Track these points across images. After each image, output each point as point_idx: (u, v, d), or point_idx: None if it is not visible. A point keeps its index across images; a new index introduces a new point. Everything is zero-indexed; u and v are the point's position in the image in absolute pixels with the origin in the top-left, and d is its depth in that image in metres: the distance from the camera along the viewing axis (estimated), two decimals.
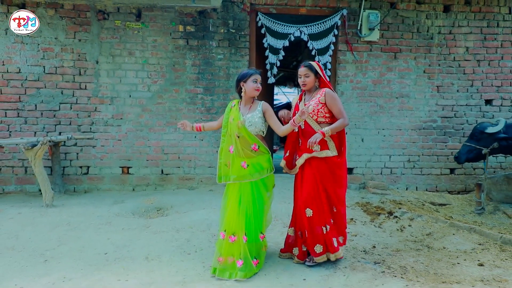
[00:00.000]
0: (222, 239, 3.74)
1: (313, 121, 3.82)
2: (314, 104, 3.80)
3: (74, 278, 3.56)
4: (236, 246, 3.66)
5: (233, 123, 3.83)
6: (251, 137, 3.81)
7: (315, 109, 3.78)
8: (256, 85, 3.86)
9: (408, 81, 7.26)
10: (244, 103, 3.96)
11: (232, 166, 3.82)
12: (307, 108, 3.58)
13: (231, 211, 3.77)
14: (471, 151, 6.17)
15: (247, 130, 3.80)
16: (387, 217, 5.63)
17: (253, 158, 3.81)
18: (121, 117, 6.78)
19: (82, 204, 5.92)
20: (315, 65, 3.92)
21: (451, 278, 3.59)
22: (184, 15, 6.83)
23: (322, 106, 3.79)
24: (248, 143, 3.81)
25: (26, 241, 4.47)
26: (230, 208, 3.79)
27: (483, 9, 7.33)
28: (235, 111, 3.90)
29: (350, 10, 7.12)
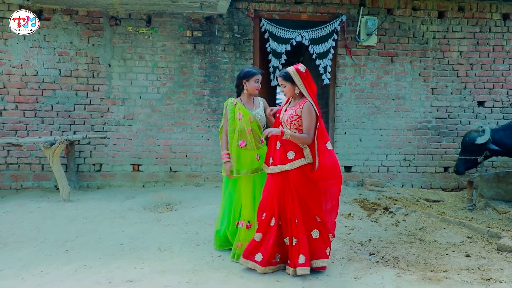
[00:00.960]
0: (241, 227, 3.98)
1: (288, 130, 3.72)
2: (290, 115, 3.72)
3: (94, 266, 3.82)
4: (252, 232, 3.90)
5: (244, 119, 4.02)
6: (260, 131, 4.09)
7: (289, 120, 3.71)
8: (257, 84, 4.11)
9: (404, 83, 7.49)
10: (246, 100, 4.17)
11: (245, 159, 4.03)
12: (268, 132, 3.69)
13: (245, 202, 4.01)
14: (468, 162, 6.44)
15: (258, 124, 4.08)
16: (383, 212, 5.87)
17: (263, 150, 4.07)
18: (132, 118, 7.03)
19: (96, 199, 6.18)
20: (291, 72, 3.72)
21: (439, 267, 3.85)
22: (192, 21, 7.07)
23: (297, 119, 3.69)
24: (258, 137, 4.08)
25: (47, 233, 4.73)
26: (245, 200, 4.02)
27: (476, 15, 7.55)
28: (242, 108, 4.08)
29: (349, 16, 7.35)
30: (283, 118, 3.78)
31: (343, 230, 5.06)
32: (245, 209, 4.03)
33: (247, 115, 4.05)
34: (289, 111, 3.79)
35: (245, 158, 4.04)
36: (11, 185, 6.73)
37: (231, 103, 4.13)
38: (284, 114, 3.81)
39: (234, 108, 4.10)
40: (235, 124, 4.07)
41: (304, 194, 3.66)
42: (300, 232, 3.62)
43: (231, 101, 4.15)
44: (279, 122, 3.88)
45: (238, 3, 7.11)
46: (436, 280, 3.50)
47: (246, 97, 4.19)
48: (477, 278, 3.57)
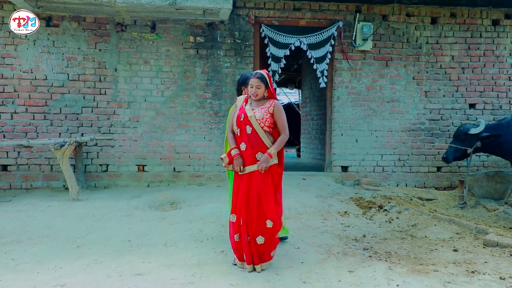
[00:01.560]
0: None
1: (260, 129, 3.82)
2: (263, 113, 3.83)
3: (105, 260, 4.02)
4: None
5: None
6: None
7: (264, 117, 3.81)
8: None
9: (399, 86, 7.69)
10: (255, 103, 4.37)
11: None
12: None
13: None
14: (457, 151, 6.58)
15: None
16: (378, 210, 6.06)
17: None
18: (137, 120, 7.23)
19: (103, 198, 6.38)
20: (266, 76, 3.91)
21: (428, 261, 4.05)
22: (195, 27, 7.27)
23: (270, 116, 3.82)
24: None
25: (58, 230, 4.94)
26: None
27: (467, 21, 7.76)
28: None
29: (345, 22, 7.55)
30: (256, 116, 3.81)
31: (339, 227, 5.26)
32: None
33: None
34: (259, 110, 3.86)
35: None
36: (21, 185, 6.94)
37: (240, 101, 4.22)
38: (254, 113, 3.84)
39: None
40: None
41: (263, 195, 3.79)
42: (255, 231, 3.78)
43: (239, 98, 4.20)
44: (241, 122, 3.87)
45: (239, 10, 7.31)
46: (424, 273, 3.70)
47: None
48: (462, 270, 3.77)
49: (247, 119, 3.85)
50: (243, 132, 3.87)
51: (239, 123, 3.89)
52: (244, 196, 3.81)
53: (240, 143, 3.88)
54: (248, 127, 3.84)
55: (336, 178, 7.56)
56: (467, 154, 6.48)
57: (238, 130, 3.91)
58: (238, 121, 3.91)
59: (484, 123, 6.36)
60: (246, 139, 3.84)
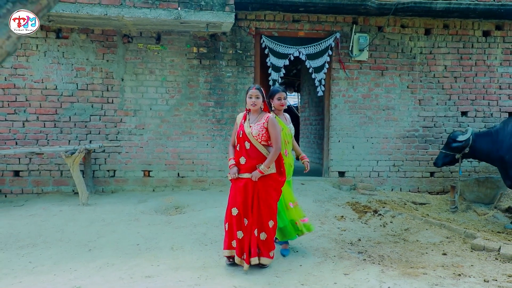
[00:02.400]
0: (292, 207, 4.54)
1: (257, 143, 4.09)
2: (259, 129, 4.08)
3: (116, 263, 4.25)
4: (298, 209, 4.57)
5: (283, 132, 4.46)
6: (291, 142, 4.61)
7: (259, 133, 4.07)
8: (280, 102, 4.57)
9: (394, 95, 7.93)
10: (279, 114, 4.62)
11: (287, 166, 4.44)
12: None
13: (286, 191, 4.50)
14: (447, 156, 6.85)
15: (291, 136, 4.58)
16: (373, 214, 6.29)
17: (291, 159, 4.60)
18: (143, 127, 7.46)
19: (111, 203, 6.60)
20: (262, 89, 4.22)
21: (418, 264, 4.28)
22: (198, 38, 7.51)
23: (265, 131, 4.08)
24: (291, 146, 4.58)
25: (70, 234, 5.16)
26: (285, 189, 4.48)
27: (459, 32, 7.99)
28: (280, 122, 4.50)
29: (342, 34, 7.79)
30: (252, 133, 4.08)
31: (335, 231, 5.49)
32: (288, 195, 4.54)
33: (285, 128, 4.52)
34: (255, 126, 4.12)
35: (286, 166, 4.43)
36: (33, 190, 7.17)
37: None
38: (251, 129, 4.11)
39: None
40: None
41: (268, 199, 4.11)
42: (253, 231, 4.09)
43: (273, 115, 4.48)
44: (240, 138, 4.16)
45: (241, 22, 7.54)
46: (414, 275, 3.93)
47: (277, 112, 4.61)
48: (449, 273, 4.00)
49: (245, 135, 4.15)
50: (242, 147, 4.17)
51: (239, 139, 4.20)
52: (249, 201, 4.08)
53: (240, 157, 4.17)
54: (247, 143, 4.15)
55: (333, 183, 7.80)
56: (456, 159, 6.74)
57: (238, 146, 4.21)
58: (237, 137, 4.22)
59: (471, 131, 6.60)
60: (245, 154, 4.14)
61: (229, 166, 4.22)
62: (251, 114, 4.26)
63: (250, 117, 4.26)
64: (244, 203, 4.09)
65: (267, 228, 4.11)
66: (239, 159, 4.18)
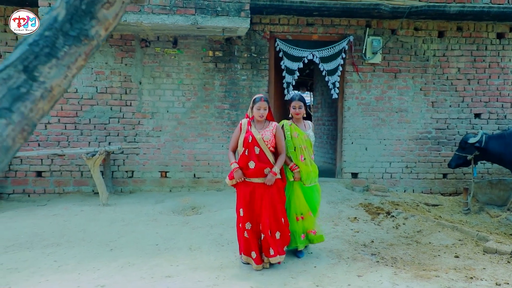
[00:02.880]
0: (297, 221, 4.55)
1: (266, 149, 4.29)
2: (269, 136, 4.30)
3: (136, 263, 4.39)
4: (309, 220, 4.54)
5: (299, 137, 4.54)
6: (311, 148, 4.64)
7: (270, 139, 4.29)
8: (295, 110, 4.59)
9: (407, 97, 7.96)
10: (296, 122, 4.67)
11: (303, 172, 4.52)
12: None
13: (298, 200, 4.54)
14: (460, 158, 6.90)
15: (310, 142, 4.61)
16: (386, 216, 6.35)
17: (313, 165, 4.63)
18: (160, 129, 7.62)
19: (130, 203, 6.76)
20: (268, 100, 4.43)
21: (431, 266, 4.34)
22: (213, 42, 7.63)
23: (274, 138, 4.33)
24: (310, 153, 4.62)
25: (92, 234, 5.32)
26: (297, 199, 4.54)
27: (473, 35, 7.99)
28: (295, 128, 4.58)
29: (356, 37, 7.84)
30: (264, 138, 4.27)
31: (349, 233, 5.57)
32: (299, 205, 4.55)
33: (302, 134, 4.58)
34: (265, 132, 4.32)
35: (303, 172, 4.53)
36: (54, 190, 7.37)
37: (287, 124, 4.61)
38: (261, 135, 4.29)
39: (290, 128, 4.60)
40: (293, 142, 4.56)
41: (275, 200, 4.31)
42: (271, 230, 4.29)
43: (286, 122, 4.62)
44: (250, 143, 4.29)
45: (255, 25, 7.64)
46: (426, 278, 4.00)
47: (295, 120, 4.68)
48: (462, 276, 4.06)
49: (255, 141, 4.30)
50: (252, 152, 4.31)
51: (247, 144, 4.32)
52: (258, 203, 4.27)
53: (248, 162, 4.29)
54: (256, 147, 4.30)
55: (346, 184, 7.87)
56: (468, 161, 6.78)
57: (246, 150, 4.31)
58: (246, 142, 4.33)
59: (481, 133, 6.64)
60: (255, 158, 4.29)
61: (233, 170, 4.30)
62: (256, 122, 4.42)
63: (255, 125, 4.41)
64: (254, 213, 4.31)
65: (281, 225, 4.32)
66: (247, 164, 4.30)
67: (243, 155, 4.34)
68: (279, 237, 4.31)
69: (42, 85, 1.16)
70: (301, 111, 4.57)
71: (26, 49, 1.14)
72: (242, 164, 4.31)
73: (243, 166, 4.31)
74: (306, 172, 4.55)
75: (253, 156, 4.29)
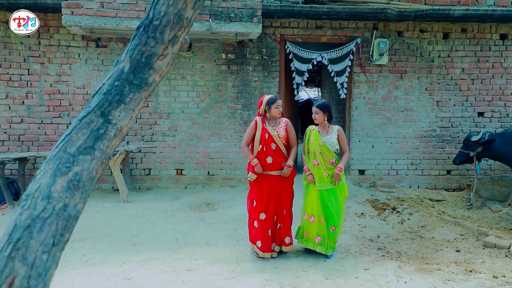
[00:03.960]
0: (305, 219, 4.78)
1: (281, 144, 4.65)
2: (283, 132, 4.65)
3: (158, 257, 4.67)
4: (314, 225, 4.69)
5: (315, 142, 4.72)
6: (330, 153, 4.74)
7: (284, 135, 4.66)
8: (314, 115, 4.78)
9: (412, 97, 8.16)
10: (321, 126, 4.83)
11: (316, 175, 4.72)
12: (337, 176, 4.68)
13: (311, 201, 4.74)
14: (463, 155, 7.10)
15: (327, 148, 4.73)
16: (391, 212, 6.58)
17: (332, 170, 4.72)
18: (175, 129, 7.89)
19: (148, 200, 7.06)
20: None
21: (433, 260, 4.58)
22: (226, 45, 7.87)
23: (286, 132, 4.69)
24: (328, 158, 4.72)
25: (115, 229, 5.62)
26: (311, 199, 4.74)
27: (477, 36, 8.15)
28: (315, 133, 4.78)
29: (363, 39, 8.04)
30: (279, 135, 4.63)
31: (356, 228, 5.82)
32: (308, 205, 4.76)
33: (318, 139, 4.74)
34: (279, 129, 4.67)
35: (316, 174, 4.72)
36: None
37: (309, 129, 4.85)
38: (276, 132, 4.64)
39: (310, 133, 4.82)
40: (309, 146, 4.79)
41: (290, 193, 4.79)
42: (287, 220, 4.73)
43: (310, 127, 4.87)
44: (266, 140, 4.62)
45: (266, 29, 7.86)
46: (428, 271, 4.24)
47: (319, 125, 4.85)
48: (461, 269, 4.30)
49: (271, 137, 4.66)
50: (269, 148, 4.65)
51: (264, 141, 4.65)
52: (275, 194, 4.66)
53: (266, 157, 4.62)
54: (273, 144, 4.66)
55: (354, 181, 8.10)
56: (471, 158, 6.99)
57: (264, 147, 4.64)
58: (263, 139, 4.65)
59: (483, 131, 6.83)
60: (272, 154, 4.64)
61: (255, 165, 4.60)
62: (270, 120, 4.74)
63: (269, 122, 4.74)
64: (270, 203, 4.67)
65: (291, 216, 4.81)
66: (265, 159, 4.63)
67: (261, 151, 4.65)
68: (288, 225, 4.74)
69: (115, 126, 1.42)
70: (318, 117, 4.70)
71: (102, 98, 1.41)
72: (260, 159, 4.64)
73: (261, 161, 4.63)
74: (319, 175, 4.72)
75: (270, 151, 4.63)
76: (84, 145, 1.39)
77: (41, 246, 1.28)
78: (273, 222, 4.70)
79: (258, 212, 4.65)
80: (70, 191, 1.36)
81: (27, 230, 1.28)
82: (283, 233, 4.70)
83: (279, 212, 4.70)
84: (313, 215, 4.73)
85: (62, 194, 1.35)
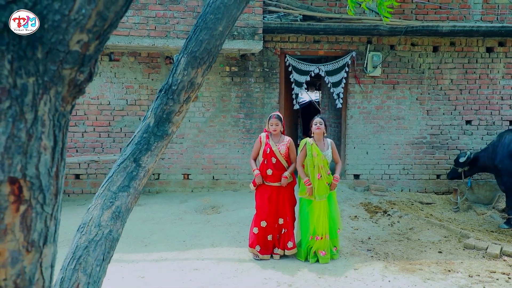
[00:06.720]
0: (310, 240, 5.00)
1: (282, 159, 5.05)
2: (285, 148, 5.07)
3: (169, 258, 5.06)
4: (319, 243, 4.97)
5: (318, 157, 5.01)
6: (328, 166, 5.14)
7: (285, 152, 5.07)
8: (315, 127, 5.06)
9: (404, 106, 8.50)
10: (317, 141, 5.11)
11: (320, 188, 4.99)
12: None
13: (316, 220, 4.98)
14: (454, 172, 7.53)
15: (327, 161, 5.09)
16: (383, 214, 6.93)
17: (329, 179, 5.09)
18: (182, 137, 8.27)
19: (158, 203, 7.43)
20: (281, 117, 5.14)
21: (416, 261, 4.95)
22: (230, 59, 8.24)
23: (288, 150, 5.09)
24: (326, 169, 5.09)
25: (128, 231, 5.95)
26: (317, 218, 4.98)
27: (465, 49, 8.47)
28: (315, 148, 5.06)
29: (358, 52, 8.38)
30: (280, 151, 5.05)
31: (349, 230, 6.18)
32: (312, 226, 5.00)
33: (320, 154, 5.05)
34: (281, 145, 5.09)
35: (320, 187, 5.01)
36: (90, 190, 8.08)
37: (309, 143, 5.06)
38: (278, 148, 5.06)
39: (311, 147, 5.04)
40: (313, 161, 5.04)
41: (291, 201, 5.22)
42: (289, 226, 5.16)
43: (308, 141, 5.08)
44: (268, 154, 5.06)
45: (267, 43, 8.22)
46: (411, 271, 4.61)
47: (316, 138, 5.14)
48: (441, 269, 4.66)
49: (272, 152, 5.08)
50: (269, 161, 5.11)
51: (266, 155, 5.10)
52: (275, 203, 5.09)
53: (267, 169, 5.09)
54: (273, 158, 5.08)
55: (349, 185, 8.46)
56: (459, 173, 7.39)
57: (265, 160, 5.09)
58: (265, 153, 5.11)
59: (468, 154, 7.29)
60: (272, 166, 5.10)
61: (256, 175, 5.09)
62: (273, 136, 5.15)
63: (272, 138, 5.14)
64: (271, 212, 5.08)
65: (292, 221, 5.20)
66: (266, 171, 5.07)
67: (262, 163, 5.13)
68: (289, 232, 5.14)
69: (143, 169, 1.80)
70: (321, 127, 5.02)
71: (134, 147, 1.79)
72: (262, 171, 5.09)
73: (263, 172, 5.08)
74: (322, 188, 5.00)
75: (271, 164, 5.07)
76: (122, 184, 1.77)
77: (95, 261, 1.66)
78: (275, 229, 5.09)
79: (259, 219, 5.06)
80: (113, 220, 1.74)
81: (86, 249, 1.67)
82: (286, 238, 5.10)
83: (282, 219, 5.12)
84: (318, 235, 4.97)
85: (108, 222, 1.73)
